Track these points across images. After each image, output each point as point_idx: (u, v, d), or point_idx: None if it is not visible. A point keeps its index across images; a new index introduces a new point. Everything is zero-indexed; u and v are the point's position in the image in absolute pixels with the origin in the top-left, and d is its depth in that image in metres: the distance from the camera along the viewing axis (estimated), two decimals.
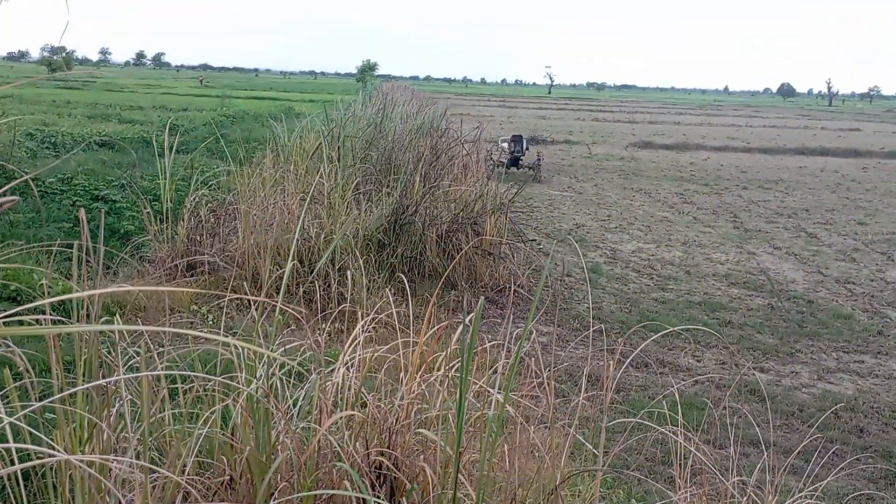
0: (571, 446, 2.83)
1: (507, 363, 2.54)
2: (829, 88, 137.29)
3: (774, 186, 17.91)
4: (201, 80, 72.17)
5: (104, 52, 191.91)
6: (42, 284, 4.33)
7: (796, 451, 3.04)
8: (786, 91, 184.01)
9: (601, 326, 5.20)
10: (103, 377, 2.35)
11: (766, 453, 2.76)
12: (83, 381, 2.11)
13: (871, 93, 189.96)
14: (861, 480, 4.60)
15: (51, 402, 1.92)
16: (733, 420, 4.42)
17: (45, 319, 2.06)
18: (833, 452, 4.32)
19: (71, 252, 2.20)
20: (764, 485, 2.75)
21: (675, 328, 6.05)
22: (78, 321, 2.18)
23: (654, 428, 2.91)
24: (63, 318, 2.31)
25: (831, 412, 5.27)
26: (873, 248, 11.32)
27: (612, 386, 2.73)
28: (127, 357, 2.69)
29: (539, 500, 2.59)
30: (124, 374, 2.39)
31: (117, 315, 3.35)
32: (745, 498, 2.67)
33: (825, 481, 2.94)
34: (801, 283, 9.15)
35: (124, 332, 2.75)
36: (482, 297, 2.55)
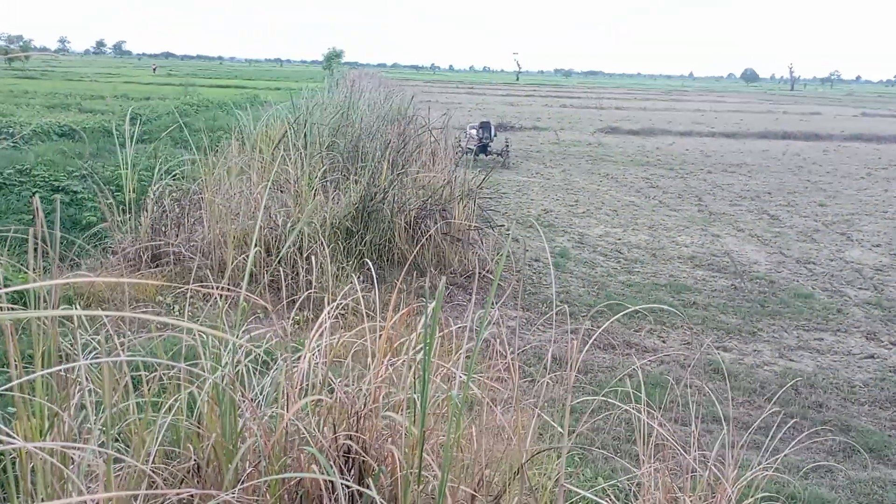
0: (538, 426, 2.87)
1: (472, 346, 2.56)
2: (791, 73, 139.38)
3: (738, 170, 18.19)
4: (154, 69, 67.60)
5: (63, 41, 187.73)
6: None
7: (755, 425, 3.12)
8: (749, 76, 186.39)
9: (565, 308, 5.26)
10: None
11: (726, 429, 2.83)
12: (41, 370, 2.08)
13: (832, 77, 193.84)
14: (820, 453, 4.73)
15: (7, 388, 1.90)
16: (697, 398, 4.51)
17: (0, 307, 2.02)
18: (792, 427, 4.44)
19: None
20: (725, 459, 2.82)
21: (640, 307, 6.14)
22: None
23: (620, 407, 2.96)
24: (20, 308, 2.27)
25: (791, 388, 5.40)
26: (833, 229, 11.58)
27: (577, 366, 2.77)
28: (89, 347, 2.66)
29: (506, 479, 2.62)
30: (84, 362, 2.36)
31: (77, 303, 3.30)
32: (707, 472, 2.74)
33: (783, 454, 3.02)
34: (764, 263, 9.33)
35: (86, 322, 2.72)
36: (443, 279, 2.57)
